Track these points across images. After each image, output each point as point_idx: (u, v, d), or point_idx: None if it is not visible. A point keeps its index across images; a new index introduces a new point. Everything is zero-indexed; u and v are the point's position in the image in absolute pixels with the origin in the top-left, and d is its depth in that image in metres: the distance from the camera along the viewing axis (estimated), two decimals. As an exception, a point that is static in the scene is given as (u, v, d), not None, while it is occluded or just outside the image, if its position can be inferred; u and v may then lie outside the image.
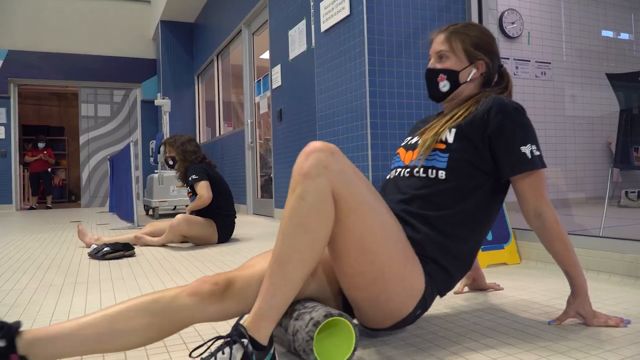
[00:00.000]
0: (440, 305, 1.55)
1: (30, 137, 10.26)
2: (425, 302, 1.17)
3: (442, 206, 1.20)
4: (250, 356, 0.92)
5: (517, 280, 1.89)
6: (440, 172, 1.22)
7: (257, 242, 3.28)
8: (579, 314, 1.28)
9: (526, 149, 1.21)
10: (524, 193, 1.25)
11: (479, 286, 1.73)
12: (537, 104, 4.21)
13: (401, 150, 1.38)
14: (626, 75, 2.95)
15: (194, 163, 3.30)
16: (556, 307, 1.48)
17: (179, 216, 3.08)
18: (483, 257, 2.19)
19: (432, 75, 1.36)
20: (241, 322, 0.97)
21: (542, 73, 4.33)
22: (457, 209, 1.20)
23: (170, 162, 3.44)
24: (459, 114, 1.29)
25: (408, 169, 1.29)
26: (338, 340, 1.08)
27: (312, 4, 3.90)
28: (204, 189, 3.12)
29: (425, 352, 1.14)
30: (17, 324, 0.94)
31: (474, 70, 1.34)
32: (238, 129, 6.56)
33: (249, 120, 6.04)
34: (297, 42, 4.51)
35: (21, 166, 9.15)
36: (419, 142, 1.31)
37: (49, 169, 9.35)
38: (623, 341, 1.16)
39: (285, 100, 4.86)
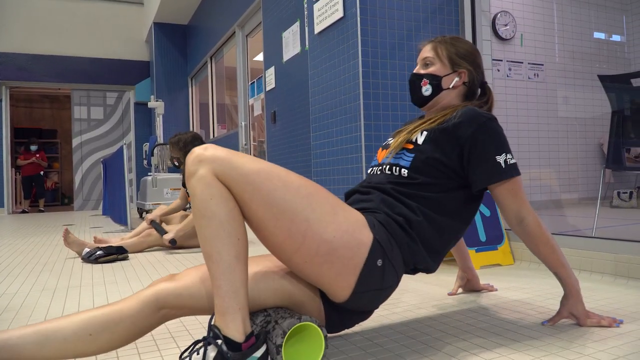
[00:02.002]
0: (433, 307, 1.55)
1: (22, 140, 10.19)
2: (383, 250, 1.10)
3: (401, 193, 1.22)
4: (225, 355, 0.92)
5: (511, 281, 1.90)
6: (403, 170, 1.25)
7: (251, 245, 3.27)
8: (572, 314, 1.29)
9: (501, 159, 1.22)
10: (504, 200, 1.25)
11: (472, 287, 1.73)
12: (530, 106, 4.24)
13: (379, 150, 1.42)
14: (618, 77, 2.97)
15: None
16: (550, 307, 1.48)
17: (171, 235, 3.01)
18: (477, 258, 2.20)
19: (415, 80, 1.41)
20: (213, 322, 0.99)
21: (534, 75, 4.36)
22: (415, 193, 1.21)
23: (176, 163, 3.33)
24: (435, 119, 1.32)
25: (379, 167, 1.33)
26: (308, 345, 1.07)
27: (305, 6, 3.91)
28: None
29: (418, 353, 1.14)
30: None
31: (457, 78, 1.37)
32: (232, 131, 6.55)
33: (242, 123, 6.03)
34: (291, 44, 4.51)
35: (13, 169, 9.08)
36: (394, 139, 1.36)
37: (42, 172, 9.29)
38: (616, 341, 1.17)
39: (279, 102, 4.86)
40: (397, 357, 1.12)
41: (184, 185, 3.41)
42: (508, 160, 1.23)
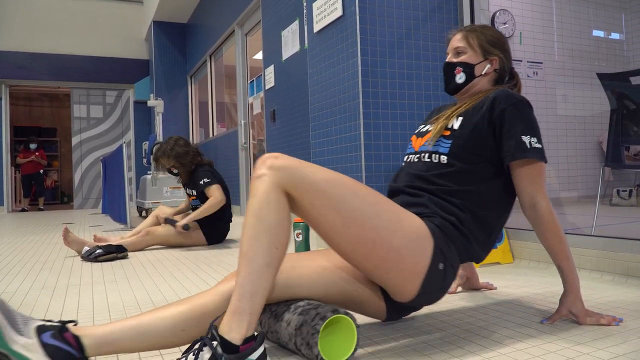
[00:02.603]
0: (433, 306, 1.55)
1: (22, 139, 10.18)
2: (443, 255, 1.17)
3: (443, 184, 1.26)
4: (219, 357, 0.92)
5: (510, 280, 1.90)
6: (442, 157, 1.29)
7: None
8: (571, 312, 1.29)
9: (526, 139, 1.25)
10: (521, 182, 1.28)
11: (472, 285, 1.74)
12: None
13: (413, 138, 1.45)
14: (617, 75, 2.97)
15: (194, 163, 3.27)
16: (549, 306, 1.48)
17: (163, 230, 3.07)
18: (476, 257, 2.20)
19: (449, 68, 1.45)
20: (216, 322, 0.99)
21: (534, 73, 4.36)
22: (457, 189, 1.25)
23: (174, 171, 3.33)
24: (469, 102, 1.37)
25: (417, 155, 1.37)
26: (340, 338, 1.10)
27: (304, 4, 3.90)
28: (218, 191, 3.09)
29: (418, 352, 1.14)
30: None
31: (489, 65, 1.42)
32: (231, 129, 6.55)
33: (242, 121, 6.03)
34: (290, 42, 4.51)
35: (13, 168, 9.08)
36: (431, 129, 1.38)
37: (41, 171, 9.28)
38: (615, 339, 1.17)
39: (279, 100, 4.86)
40: (396, 355, 1.13)
41: (184, 186, 3.40)
42: (533, 142, 1.25)
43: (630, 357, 1.06)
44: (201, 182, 3.12)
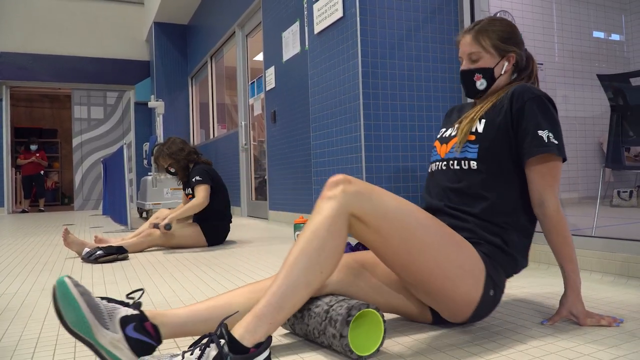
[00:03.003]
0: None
1: (23, 140, 10.20)
2: (493, 281, 1.20)
3: (481, 197, 1.26)
4: (225, 357, 0.90)
5: (510, 281, 1.89)
6: (472, 162, 1.28)
7: (251, 245, 3.27)
8: (571, 313, 1.29)
9: (543, 133, 1.24)
10: (533, 177, 1.27)
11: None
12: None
13: (437, 144, 1.44)
14: (617, 76, 2.97)
15: (191, 161, 3.27)
16: (549, 307, 1.48)
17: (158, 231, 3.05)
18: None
19: (468, 76, 1.40)
20: (229, 322, 0.99)
21: (534, 74, 4.35)
22: (495, 199, 1.26)
23: (172, 170, 3.33)
24: (489, 102, 1.36)
25: (444, 162, 1.36)
26: (366, 332, 1.14)
27: (305, 5, 3.91)
28: (203, 192, 3.06)
29: (418, 353, 1.14)
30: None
31: (506, 63, 1.38)
32: (232, 130, 6.55)
33: (243, 122, 6.03)
34: (291, 43, 4.51)
35: (13, 169, 9.09)
36: (454, 134, 1.37)
37: (42, 172, 9.29)
38: (616, 341, 1.17)
39: (279, 102, 4.86)
40: (397, 357, 1.12)
41: (184, 188, 3.40)
42: (550, 137, 1.24)
43: (631, 358, 1.05)
44: (193, 180, 3.12)
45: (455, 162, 1.31)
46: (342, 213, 1.07)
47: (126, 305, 1.07)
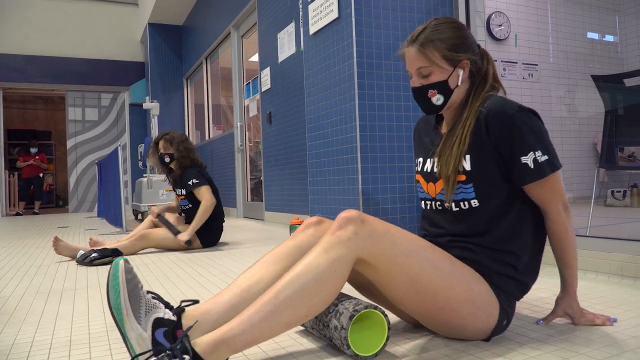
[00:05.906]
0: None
1: (16, 142, 10.13)
2: (506, 313, 1.18)
3: (486, 231, 1.19)
4: None
5: (506, 281, 1.90)
6: (472, 201, 1.20)
7: (247, 246, 3.27)
8: (566, 313, 1.29)
9: (527, 159, 1.14)
10: (532, 196, 1.20)
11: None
12: (525, 105, 4.25)
13: (420, 179, 1.33)
14: (611, 77, 2.99)
15: (189, 158, 3.25)
16: (544, 306, 1.49)
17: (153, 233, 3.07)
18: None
19: (421, 93, 1.25)
20: (191, 335, 0.99)
21: (529, 75, 4.38)
22: (503, 226, 1.19)
23: (167, 160, 3.22)
24: (465, 134, 1.20)
25: (437, 202, 1.27)
26: (370, 333, 1.14)
27: (300, 6, 3.90)
28: (208, 193, 3.06)
29: (416, 354, 1.14)
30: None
31: (461, 72, 1.23)
32: (227, 131, 6.54)
33: (238, 123, 6.03)
34: (286, 44, 4.51)
35: (7, 171, 9.03)
36: (438, 174, 1.24)
37: (41, 174, 9.23)
38: (609, 339, 1.17)
39: (275, 103, 4.86)
40: (394, 358, 1.12)
41: (174, 188, 3.36)
42: (538, 158, 1.14)
43: (625, 357, 1.06)
44: (189, 183, 3.10)
45: (453, 204, 1.22)
46: (349, 259, 1.04)
47: (169, 307, 1.06)
